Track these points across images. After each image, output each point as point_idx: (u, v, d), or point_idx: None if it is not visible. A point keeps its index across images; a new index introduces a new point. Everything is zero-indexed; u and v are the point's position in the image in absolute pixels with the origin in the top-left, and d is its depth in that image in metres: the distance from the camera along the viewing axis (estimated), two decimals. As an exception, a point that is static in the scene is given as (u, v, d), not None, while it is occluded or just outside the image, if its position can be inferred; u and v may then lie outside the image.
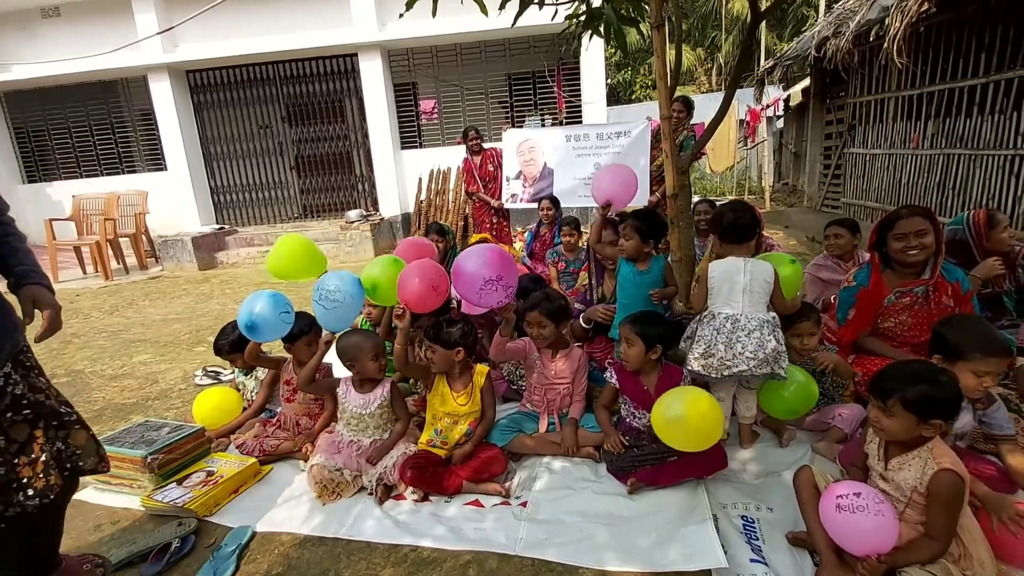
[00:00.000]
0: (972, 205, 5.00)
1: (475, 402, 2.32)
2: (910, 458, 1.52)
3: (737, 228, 2.28)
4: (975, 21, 4.89)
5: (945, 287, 2.34)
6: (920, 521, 1.50)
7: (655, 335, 2.19)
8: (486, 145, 6.29)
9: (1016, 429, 2.02)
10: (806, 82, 9.44)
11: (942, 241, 2.37)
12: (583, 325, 2.98)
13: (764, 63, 9.84)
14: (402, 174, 9.22)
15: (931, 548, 1.45)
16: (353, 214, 8.44)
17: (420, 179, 8.70)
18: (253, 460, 2.41)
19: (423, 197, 8.71)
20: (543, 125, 9.19)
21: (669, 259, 3.19)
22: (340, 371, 2.52)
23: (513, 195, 6.14)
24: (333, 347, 2.36)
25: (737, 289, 2.18)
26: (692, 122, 4.98)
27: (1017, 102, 4.51)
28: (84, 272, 7.94)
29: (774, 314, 2.19)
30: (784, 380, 2.18)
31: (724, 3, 19.33)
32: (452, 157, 8.56)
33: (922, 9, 4.53)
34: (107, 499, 2.31)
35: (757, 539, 1.80)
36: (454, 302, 2.99)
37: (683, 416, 1.94)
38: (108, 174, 9.88)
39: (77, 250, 7.89)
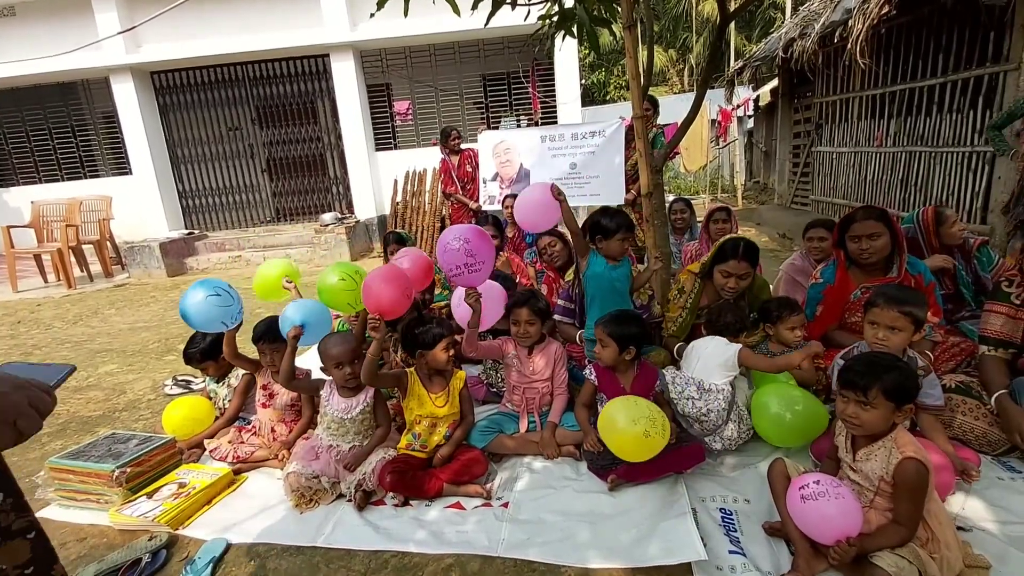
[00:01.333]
0: (933, 200, 5.19)
1: (453, 404, 2.31)
2: (876, 448, 1.57)
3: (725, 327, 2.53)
4: (932, 23, 5.08)
5: (908, 281, 2.42)
6: (888, 508, 1.54)
7: (628, 335, 2.20)
8: (463, 146, 6.27)
9: (979, 414, 2.11)
10: (774, 82, 9.66)
11: (903, 240, 2.45)
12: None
13: (734, 64, 10.05)
14: (377, 176, 9.13)
15: (899, 533, 1.49)
16: (327, 217, 8.32)
17: (396, 181, 8.62)
18: (226, 470, 2.35)
19: (399, 199, 8.63)
20: (518, 125, 9.20)
21: (645, 256, 3.23)
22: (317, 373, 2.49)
23: (491, 197, 6.12)
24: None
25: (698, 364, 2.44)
26: (664, 122, 5.04)
27: (972, 101, 4.70)
28: (45, 281, 7.64)
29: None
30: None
31: (694, 5, 19.67)
32: (428, 158, 8.50)
33: (882, 11, 4.68)
34: (72, 516, 2.22)
35: (735, 531, 1.83)
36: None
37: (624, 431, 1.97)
38: (69, 179, 9.54)
39: (37, 258, 7.59)
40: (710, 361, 2.37)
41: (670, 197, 4.85)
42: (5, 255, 7.23)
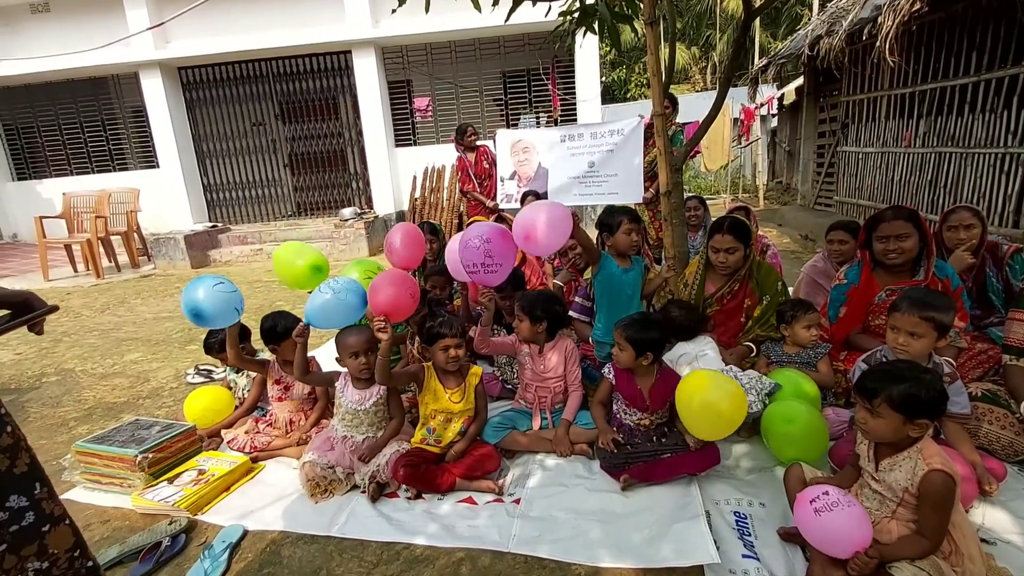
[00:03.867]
0: (963, 202, 5.03)
1: (468, 400, 2.32)
2: (900, 459, 1.52)
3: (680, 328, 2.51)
4: (966, 20, 4.92)
5: (935, 284, 2.36)
6: (912, 519, 1.50)
7: (646, 341, 2.17)
8: (479, 142, 6.28)
9: (1006, 423, 2.05)
10: (800, 81, 9.46)
11: (932, 242, 2.39)
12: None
13: (758, 62, 9.87)
14: (396, 172, 9.19)
15: (921, 545, 1.45)
16: (347, 212, 8.40)
17: (415, 177, 8.67)
18: (244, 458, 2.40)
19: (417, 195, 8.69)
20: (538, 123, 9.18)
21: (663, 256, 3.20)
22: (326, 365, 2.52)
23: (508, 195, 6.12)
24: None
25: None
26: (685, 121, 4.97)
27: (1007, 101, 4.54)
28: (75, 270, 7.88)
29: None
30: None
31: (718, 2, 19.36)
32: (447, 155, 8.52)
33: (914, 8, 4.55)
34: (96, 498, 2.29)
35: (749, 535, 1.81)
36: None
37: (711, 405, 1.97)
38: (99, 171, 9.81)
39: (68, 248, 7.82)
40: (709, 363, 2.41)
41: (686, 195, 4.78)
42: (37, 245, 7.46)
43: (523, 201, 5.17)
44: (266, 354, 2.80)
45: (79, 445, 2.37)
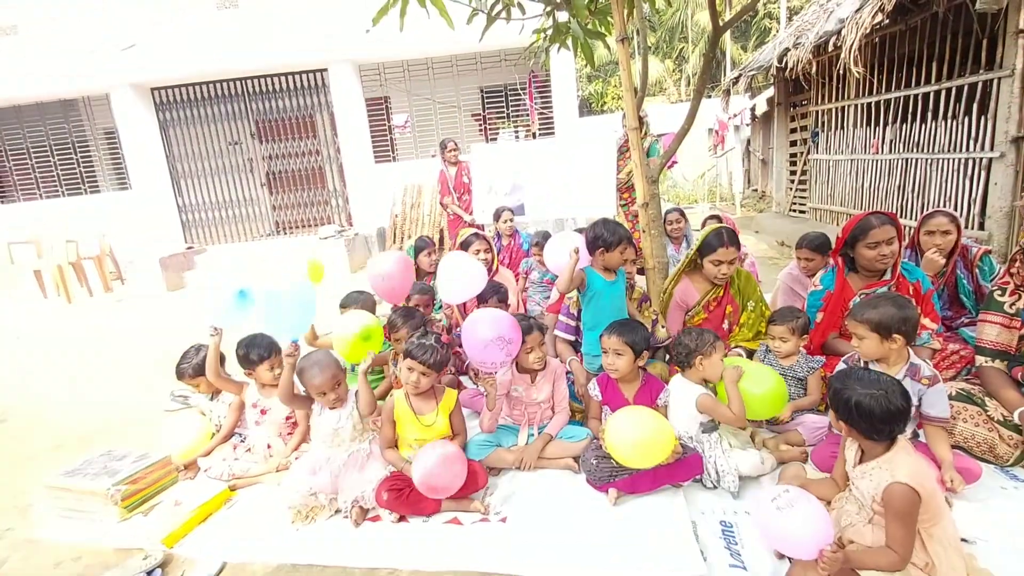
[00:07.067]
0: (930, 206, 5.19)
1: (444, 425, 2.26)
2: (870, 468, 1.53)
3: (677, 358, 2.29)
4: (925, 31, 5.12)
5: (907, 287, 2.42)
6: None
7: (641, 340, 2.22)
8: (461, 157, 6.32)
9: (980, 421, 2.09)
10: (771, 91, 9.72)
11: (902, 244, 2.45)
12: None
13: (730, 74, 10.13)
14: (376, 189, 9.17)
15: (888, 556, 1.44)
16: (326, 230, 8.34)
17: (393, 194, 8.66)
18: (223, 488, 2.33)
19: (398, 211, 8.67)
20: (516, 137, 9.26)
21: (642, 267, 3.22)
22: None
23: (484, 210, 6.14)
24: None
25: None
26: (661, 132, 5.04)
27: (967, 107, 4.72)
28: (45, 295, 7.66)
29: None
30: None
31: (690, 16, 19.87)
32: (426, 171, 8.55)
33: (875, 20, 4.73)
34: (67, 535, 2.19)
35: (736, 544, 1.81)
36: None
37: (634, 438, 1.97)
38: (70, 194, 9.60)
39: (38, 273, 7.61)
40: (679, 410, 2.23)
41: (667, 206, 4.84)
42: (7, 270, 7.25)
43: (496, 217, 5.14)
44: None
45: (49, 481, 2.28)
